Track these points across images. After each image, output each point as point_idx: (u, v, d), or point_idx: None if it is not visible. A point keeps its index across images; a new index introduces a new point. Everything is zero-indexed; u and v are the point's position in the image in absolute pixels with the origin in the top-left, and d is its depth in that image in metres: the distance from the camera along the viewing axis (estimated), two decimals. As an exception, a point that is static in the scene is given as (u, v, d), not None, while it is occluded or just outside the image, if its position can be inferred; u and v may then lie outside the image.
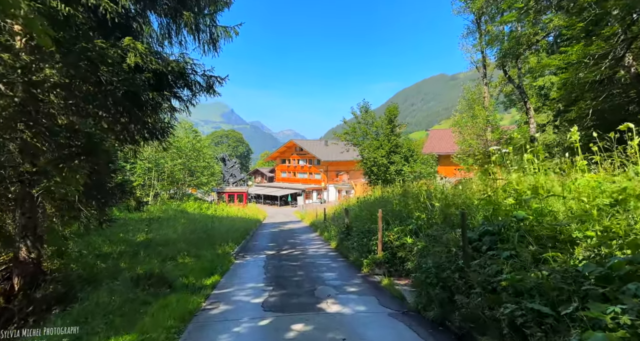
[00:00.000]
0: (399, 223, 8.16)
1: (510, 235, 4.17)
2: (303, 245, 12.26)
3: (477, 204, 5.81)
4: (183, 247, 10.05)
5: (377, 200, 12.48)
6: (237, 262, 9.07)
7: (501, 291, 3.68)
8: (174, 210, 19.28)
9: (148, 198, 21.15)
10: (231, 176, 41.71)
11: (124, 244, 10.33)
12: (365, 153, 20.85)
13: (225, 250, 9.95)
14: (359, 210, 12.61)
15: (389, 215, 8.89)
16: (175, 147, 21.37)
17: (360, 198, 14.18)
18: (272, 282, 6.72)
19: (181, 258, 8.67)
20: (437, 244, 5.56)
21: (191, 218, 17.89)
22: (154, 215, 17.05)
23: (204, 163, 26.06)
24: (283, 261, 9.12)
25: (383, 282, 6.42)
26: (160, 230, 13.12)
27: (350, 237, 10.43)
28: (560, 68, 10.13)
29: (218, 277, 7.03)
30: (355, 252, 8.72)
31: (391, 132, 21.08)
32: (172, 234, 12.43)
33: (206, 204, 23.32)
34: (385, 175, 20.41)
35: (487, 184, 6.65)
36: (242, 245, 12.33)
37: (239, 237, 13.42)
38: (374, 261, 7.56)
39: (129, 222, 15.38)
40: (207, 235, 12.49)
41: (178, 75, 7.90)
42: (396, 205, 10.04)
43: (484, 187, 6.51)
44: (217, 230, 14.34)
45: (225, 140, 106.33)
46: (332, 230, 13.51)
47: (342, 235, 11.36)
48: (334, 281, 6.72)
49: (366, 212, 11.50)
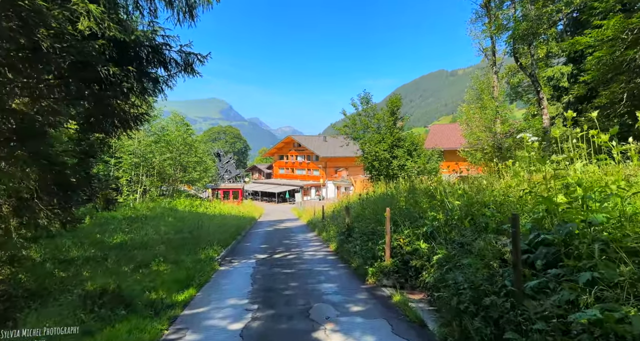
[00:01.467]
0: (409, 225, 6.96)
1: (582, 248, 2.96)
2: (299, 247, 11.06)
3: (516, 202, 4.59)
4: (162, 250, 8.85)
5: (381, 197, 11.28)
6: (222, 269, 7.86)
7: (580, 333, 2.49)
8: (163, 208, 18.05)
9: (136, 195, 19.92)
10: (226, 172, 40.39)
11: (96, 247, 9.12)
12: (366, 147, 19.59)
13: (209, 254, 8.73)
14: (361, 209, 11.41)
15: (396, 214, 7.69)
16: (164, 141, 20.10)
17: (362, 195, 12.98)
18: (259, 298, 5.52)
19: (155, 264, 7.46)
20: (465, 254, 4.36)
21: (179, 216, 16.68)
22: (139, 213, 15.87)
23: (195, 158, 24.73)
24: (275, 267, 7.91)
25: (394, 298, 5.22)
26: (141, 230, 11.92)
27: (351, 239, 9.23)
28: (590, 47, 8.89)
29: (193, 291, 5.81)
30: (358, 257, 7.52)
31: (394, 125, 19.83)
32: (154, 235, 11.23)
33: (198, 201, 22.09)
34: (388, 170, 19.18)
35: (521, 178, 5.44)
36: (232, 247, 11.13)
37: (229, 237, 12.21)
38: (381, 270, 6.37)
39: (112, 221, 14.21)
40: (193, 236, 11.28)
41: (149, 50, 6.65)
42: (404, 202, 8.84)
43: (520, 180, 5.30)
44: (205, 229, 13.13)
45: (223, 137, 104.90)
46: (331, 230, 12.32)
47: (343, 236, 10.16)
48: (334, 297, 5.52)
49: (369, 211, 10.30)
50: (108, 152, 17.89)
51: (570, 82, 22.62)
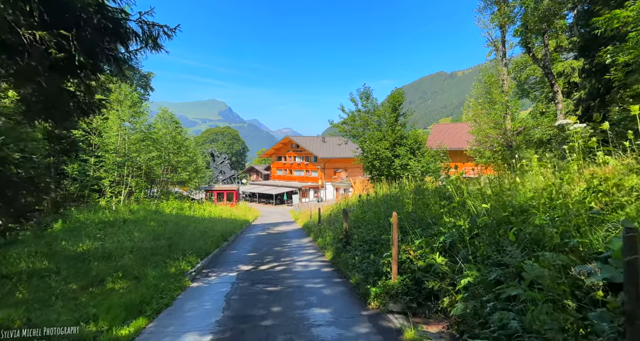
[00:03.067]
0: (420, 233, 5.65)
1: None
2: (291, 256, 9.73)
3: (578, 206, 3.27)
4: (127, 261, 7.52)
5: (384, 200, 9.97)
6: (193, 286, 6.52)
7: None
8: (147, 211, 16.70)
9: (120, 196, 18.57)
10: (220, 173, 39.00)
11: (52, 258, 7.78)
12: (365, 145, 18.28)
13: (181, 266, 7.38)
14: (361, 212, 10.10)
15: (403, 219, 6.38)
16: (151, 139, 18.75)
17: (362, 197, 11.67)
18: (227, 332, 4.19)
19: (111, 281, 6.12)
20: (511, 280, 3.04)
21: (164, 220, 15.34)
22: (120, 217, 14.54)
23: (185, 157, 23.33)
24: (258, 284, 6.58)
25: (406, 334, 3.89)
26: (114, 237, 10.59)
27: (350, 248, 7.91)
28: (626, 24, 7.58)
29: (143, 321, 4.47)
30: (358, 272, 6.20)
31: (395, 121, 18.55)
32: (127, 242, 9.89)
33: (187, 204, 20.72)
34: (389, 170, 17.89)
35: (572, 174, 4.11)
36: (214, 256, 9.79)
37: (212, 244, 10.87)
38: (386, 290, 5.04)
39: (87, 225, 12.89)
40: (172, 243, 9.95)
41: (96, 14, 5.34)
42: (411, 205, 7.55)
43: (570, 177, 3.97)
44: (188, 235, 11.80)
45: (221, 138, 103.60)
46: (328, 236, 11.00)
47: (340, 244, 8.85)
48: (326, 330, 4.19)
49: (371, 215, 8.99)
50: (88, 150, 16.57)
51: (581, 77, 21.34)
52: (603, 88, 18.05)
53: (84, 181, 14.90)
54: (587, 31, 17.72)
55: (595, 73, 18.34)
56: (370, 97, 18.93)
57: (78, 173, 14.51)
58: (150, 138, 19.16)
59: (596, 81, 18.51)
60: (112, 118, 17.48)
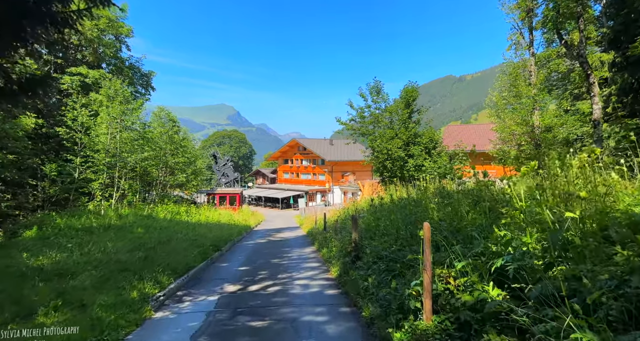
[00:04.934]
0: (461, 250, 4.04)
1: None
2: (289, 271, 8.15)
3: None
4: (83, 281, 6.03)
5: (401, 204, 8.35)
6: (155, 318, 4.98)
7: None
8: (138, 216, 15.31)
9: (112, 200, 17.23)
10: (223, 175, 37.61)
11: (-6, 274, 6.36)
12: (376, 144, 16.65)
13: (145, 290, 5.83)
14: (373, 219, 8.49)
15: (433, 231, 4.78)
16: (144, 139, 17.38)
17: (374, 201, 10.04)
18: None
19: (43, 313, 4.61)
20: None
21: (154, 226, 13.92)
22: (105, 223, 13.18)
23: (182, 158, 21.88)
24: (240, 315, 5.01)
25: None
26: (87, 246, 9.16)
27: (361, 265, 6.32)
28: None
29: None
30: (373, 302, 4.61)
31: (409, 118, 16.92)
32: (97, 254, 8.45)
33: (184, 208, 19.27)
34: (402, 171, 16.24)
35: None
36: (199, 271, 8.26)
37: (199, 256, 9.35)
38: (416, 337, 3.46)
39: (64, 232, 11.56)
40: (150, 255, 8.48)
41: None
42: (433, 210, 5.99)
43: None
44: (173, 244, 10.33)
45: (228, 141, 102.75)
46: (334, 246, 9.42)
47: (348, 258, 7.27)
48: None
49: (386, 223, 7.38)
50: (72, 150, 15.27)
51: (611, 71, 19.48)
52: (637, 83, 16.20)
53: (65, 183, 13.54)
54: (618, 22, 16.06)
55: (628, 66, 16.54)
56: (381, 92, 17.31)
57: (57, 174, 13.15)
58: (144, 138, 17.82)
59: (629, 75, 16.68)
60: (102, 116, 16.20)
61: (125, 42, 26.49)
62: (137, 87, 27.57)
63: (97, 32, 22.20)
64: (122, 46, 26.29)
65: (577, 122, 20.27)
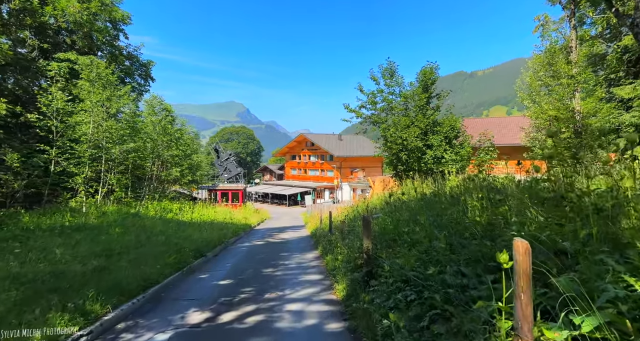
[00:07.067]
0: (568, 283, 2.10)
1: None
2: (282, 288, 6.30)
3: None
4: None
5: (429, 201, 6.40)
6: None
7: None
8: (121, 214, 13.65)
9: (97, 196, 15.63)
10: (225, 171, 35.92)
11: None
12: (389, 133, 14.66)
13: (57, 327, 4.02)
14: (391, 221, 6.56)
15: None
16: (132, 128, 15.72)
17: (392, 198, 8.08)
18: None
19: None
20: None
21: (137, 225, 12.21)
22: (80, 221, 11.58)
23: (177, 151, 20.11)
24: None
25: None
26: (38, 252, 7.47)
27: (376, 286, 4.44)
28: None
29: None
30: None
31: (427, 104, 14.88)
32: (41, 263, 6.71)
33: (177, 205, 17.62)
34: (419, 163, 14.24)
35: None
36: (162, 287, 6.45)
37: (173, 264, 7.56)
38: None
39: (27, 234, 9.91)
40: (110, 264, 6.74)
41: None
42: (476, 209, 4.08)
43: None
44: (146, 249, 8.59)
45: (235, 137, 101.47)
46: (340, 254, 7.54)
47: (358, 273, 5.39)
48: None
49: (413, 228, 5.46)
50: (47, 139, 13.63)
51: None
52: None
53: (32, 176, 11.90)
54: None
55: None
56: (395, 74, 15.26)
57: (21, 165, 11.50)
58: (132, 127, 16.13)
59: None
60: (87, 103, 14.55)
61: (122, 30, 24.95)
62: (135, 78, 26.02)
63: (88, 15, 20.61)
64: (119, 34, 24.76)
65: (614, 110, 18.03)
